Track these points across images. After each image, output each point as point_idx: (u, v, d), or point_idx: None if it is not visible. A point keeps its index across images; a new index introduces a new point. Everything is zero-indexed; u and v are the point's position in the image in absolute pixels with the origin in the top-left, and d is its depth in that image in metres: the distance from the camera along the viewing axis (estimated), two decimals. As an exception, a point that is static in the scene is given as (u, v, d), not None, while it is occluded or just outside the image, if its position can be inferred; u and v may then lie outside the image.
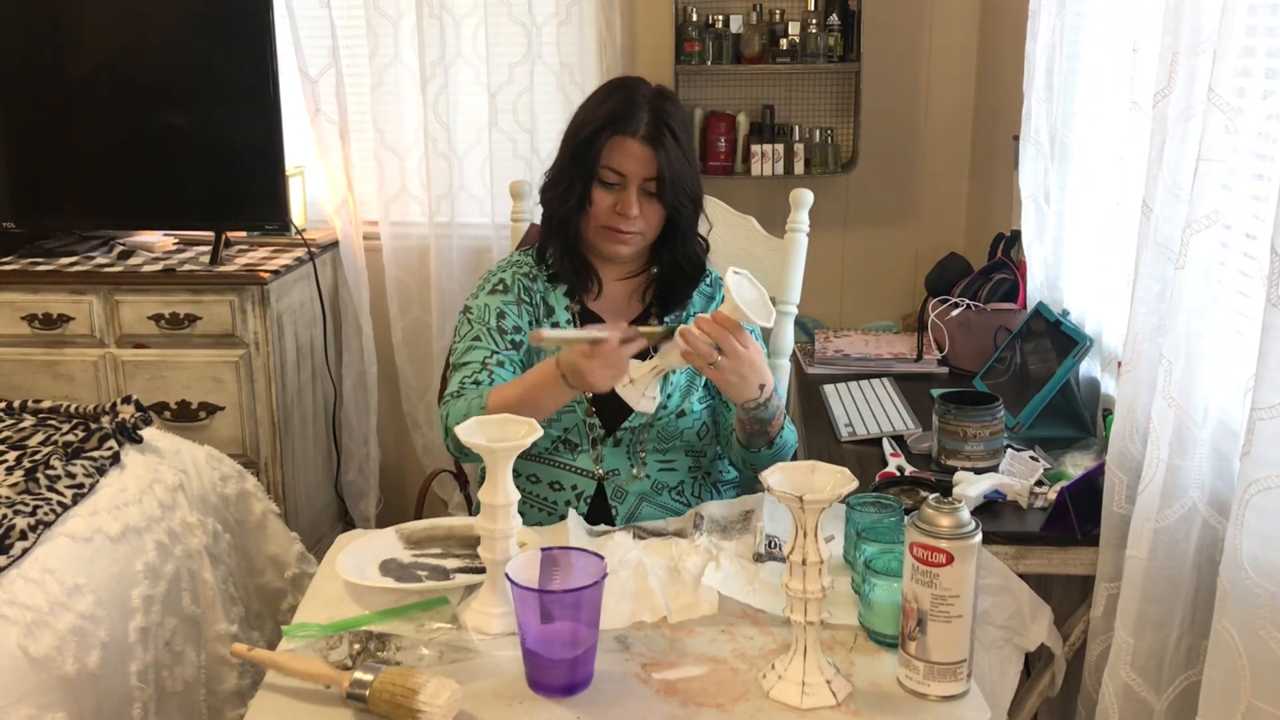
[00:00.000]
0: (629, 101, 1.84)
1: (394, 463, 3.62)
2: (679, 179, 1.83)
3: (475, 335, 1.88)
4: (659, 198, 1.84)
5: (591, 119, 1.85)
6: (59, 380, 3.04)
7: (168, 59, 3.12)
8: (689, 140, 1.88)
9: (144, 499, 2.02)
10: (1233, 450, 1.50)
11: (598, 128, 1.82)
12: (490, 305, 1.90)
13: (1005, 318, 2.51)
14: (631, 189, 1.82)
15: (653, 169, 1.81)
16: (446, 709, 1.21)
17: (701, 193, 1.92)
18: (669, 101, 1.87)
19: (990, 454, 1.97)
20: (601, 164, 1.82)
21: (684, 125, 1.86)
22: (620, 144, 1.81)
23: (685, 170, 1.85)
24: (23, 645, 1.62)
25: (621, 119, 1.82)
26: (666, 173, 1.81)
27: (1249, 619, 1.32)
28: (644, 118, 1.82)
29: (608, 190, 1.83)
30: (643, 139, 1.81)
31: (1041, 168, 2.38)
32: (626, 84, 1.90)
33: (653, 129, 1.81)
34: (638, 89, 1.87)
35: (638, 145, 1.81)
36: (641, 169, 1.82)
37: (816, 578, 1.25)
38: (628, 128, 1.81)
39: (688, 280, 1.95)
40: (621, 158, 1.82)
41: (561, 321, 1.92)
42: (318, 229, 3.42)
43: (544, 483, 1.89)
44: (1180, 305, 1.52)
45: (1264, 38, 1.55)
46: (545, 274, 1.94)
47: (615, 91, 1.88)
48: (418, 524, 1.68)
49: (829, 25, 3.16)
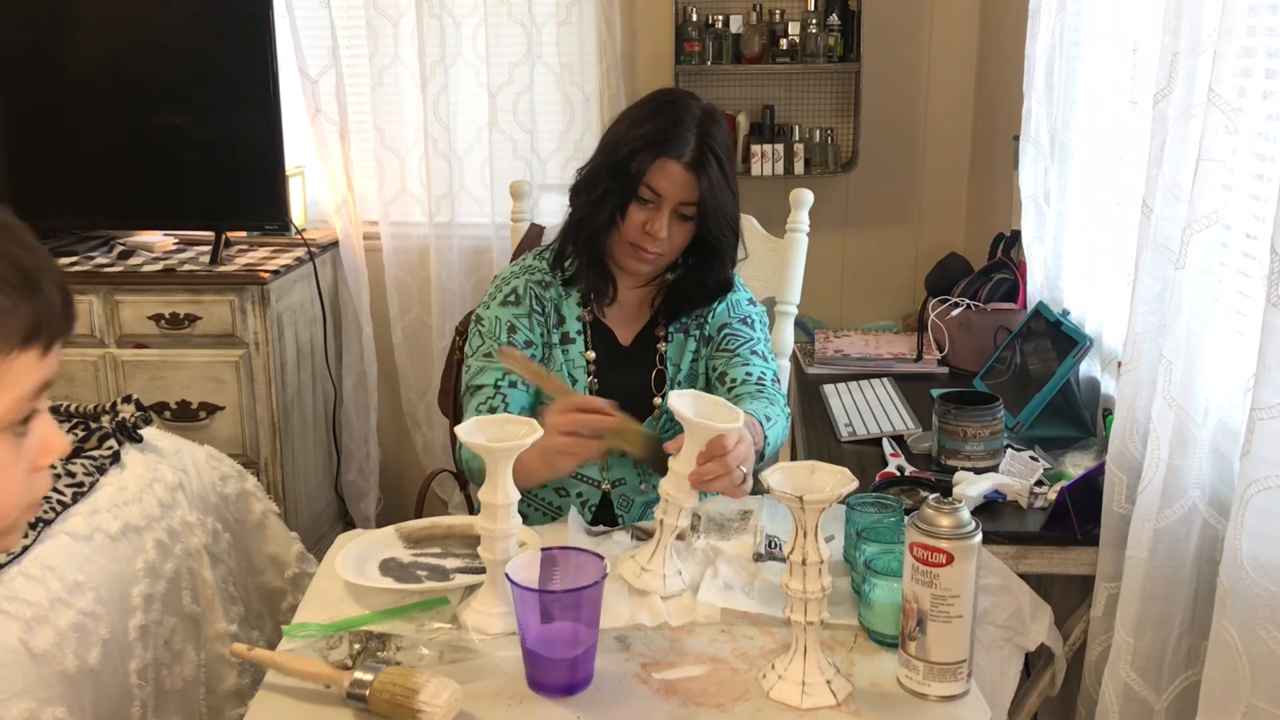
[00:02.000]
0: (676, 122, 1.78)
1: (394, 463, 3.62)
2: (719, 207, 1.78)
3: (487, 351, 1.84)
4: (698, 224, 1.80)
5: (636, 135, 1.79)
6: (59, 380, 3.03)
7: (168, 59, 3.12)
8: (732, 165, 1.83)
9: (144, 498, 2.02)
10: (1233, 450, 1.50)
11: (641, 146, 1.77)
12: (501, 319, 1.86)
13: (1005, 318, 2.51)
14: (664, 210, 1.77)
15: (693, 194, 1.77)
16: (446, 709, 1.21)
17: (739, 218, 1.86)
18: (715, 124, 1.81)
19: (990, 454, 1.97)
20: (642, 181, 1.77)
21: (727, 148, 1.81)
22: (663, 166, 1.76)
23: (726, 197, 1.80)
24: (23, 640, 1.62)
25: (667, 141, 1.76)
26: (708, 200, 1.77)
27: (1249, 619, 1.32)
28: (690, 141, 1.76)
29: (642, 207, 1.78)
30: (687, 164, 1.76)
31: (1041, 168, 2.38)
32: (675, 100, 1.84)
33: (698, 154, 1.76)
34: (687, 108, 1.81)
35: (680, 169, 1.76)
36: (680, 193, 1.77)
37: (816, 578, 1.25)
38: (673, 150, 1.76)
39: (706, 296, 1.90)
40: (662, 179, 1.77)
41: (572, 332, 1.89)
42: (318, 229, 3.42)
43: (550, 488, 1.89)
44: (1180, 305, 1.52)
45: (1264, 38, 1.55)
46: (560, 279, 1.90)
47: (663, 108, 1.82)
48: (417, 523, 1.68)
49: (829, 25, 3.16)
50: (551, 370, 1.86)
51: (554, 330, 1.89)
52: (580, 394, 1.64)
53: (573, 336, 1.89)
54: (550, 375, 1.73)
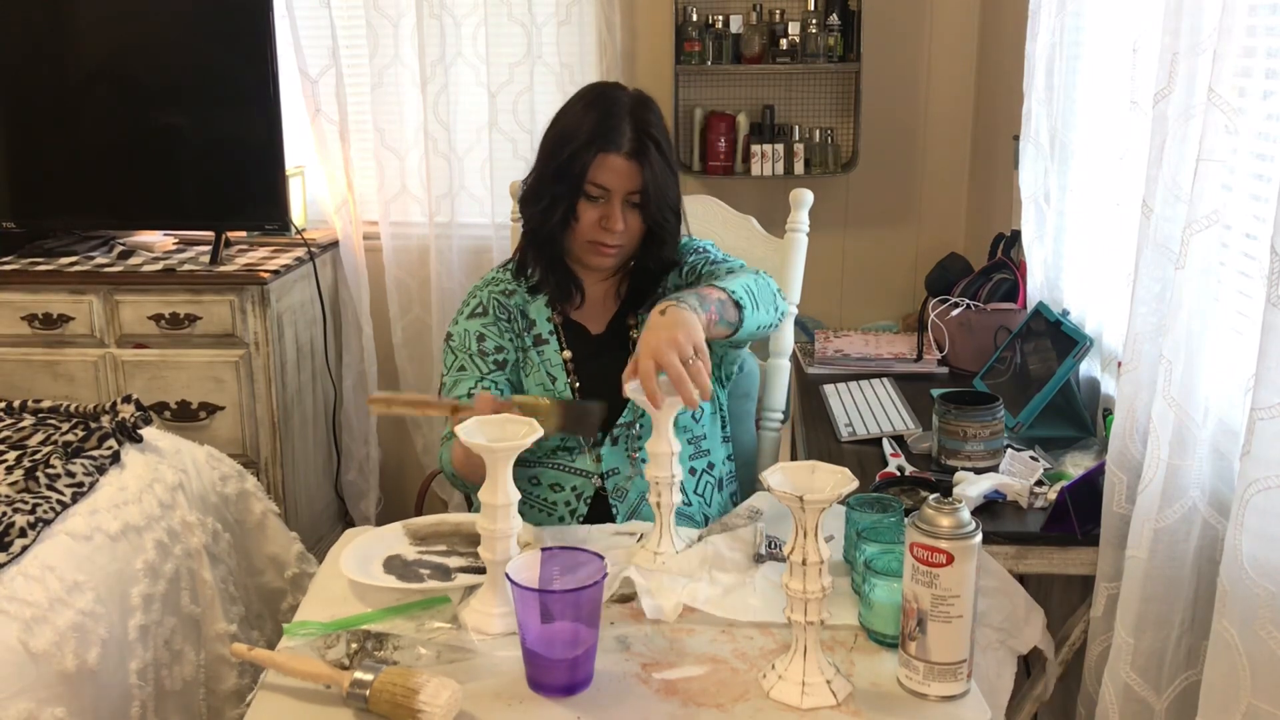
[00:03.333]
0: (610, 114, 1.81)
1: (394, 463, 3.62)
2: (662, 192, 1.82)
3: (460, 365, 1.88)
4: (641, 211, 1.83)
5: (573, 135, 1.82)
6: (59, 380, 3.04)
7: (168, 59, 3.12)
8: (670, 148, 1.86)
9: (144, 498, 2.02)
10: (1233, 450, 1.50)
11: (581, 145, 1.80)
12: (470, 330, 1.90)
13: (1005, 318, 2.51)
14: (615, 203, 1.81)
15: (637, 183, 1.80)
16: (446, 709, 1.21)
17: (681, 199, 1.90)
18: (649, 111, 1.85)
19: (990, 454, 1.97)
20: (587, 179, 1.81)
21: (665, 133, 1.85)
22: (604, 160, 1.80)
23: (668, 181, 1.84)
24: (23, 640, 1.62)
25: (605, 136, 1.80)
26: (651, 187, 1.80)
27: (1249, 619, 1.32)
28: (627, 132, 1.80)
29: (592, 204, 1.82)
30: (627, 155, 1.79)
31: (1041, 168, 2.38)
32: (605, 94, 1.87)
33: (636, 144, 1.80)
34: (617, 100, 1.84)
35: (622, 161, 1.80)
36: (626, 183, 1.81)
37: (816, 578, 1.25)
38: (611, 144, 1.79)
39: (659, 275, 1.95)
40: (606, 174, 1.80)
41: (544, 333, 1.91)
42: (318, 229, 3.42)
43: (544, 484, 1.89)
44: (1180, 305, 1.52)
45: (1264, 38, 1.55)
46: (525, 286, 1.94)
47: (595, 104, 1.85)
48: (425, 520, 1.68)
49: (829, 25, 3.16)
50: (530, 372, 1.89)
51: (525, 334, 1.92)
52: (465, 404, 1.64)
53: (545, 337, 1.91)
54: (426, 397, 1.86)
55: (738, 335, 1.73)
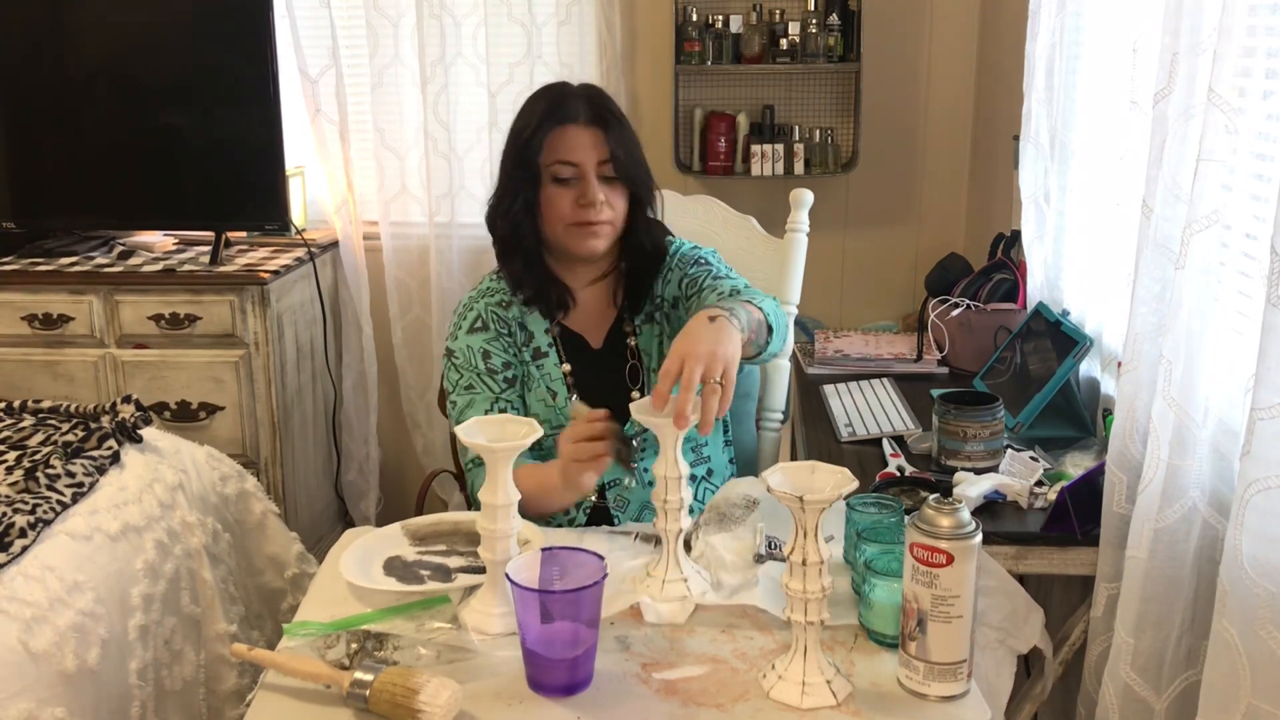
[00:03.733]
0: (561, 95, 1.82)
1: (394, 463, 3.62)
2: (633, 155, 1.81)
3: (468, 384, 1.83)
4: (619, 178, 1.80)
5: (526, 124, 1.81)
6: (59, 380, 3.04)
7: (168, 59, 3.12)
8: (631, 129, 1.85)
9: (144, 498, 2.02)
10: (1233, 450, 1.50)
11: (535, 126, 1.79)
12: (474, 346, 1.85)
13: (1005, 318, 2.51)
14: (589, 176, 1.78)
15: (605, 150, 1.78)
16: (446, 709, 1.21)
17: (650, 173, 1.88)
18: (602, 95, 1.85)
19: (990, 454, 1.97)
20: (550, 160, 1.78)
21: (622, 115, 1.84)
22: (564, 134, 1.78)
23: (636, 147, 1.82)
24: (23, 640, 1.62)
25: (558, 111, 1.79)
26: (620, 151, 1.78)
27: (1249, 619, 1.32)
28: (580, 106, 1.80)
29: (564, 186, 1.79)
30: (586, 122, 1.78)
31: (1041, 168, 2.38)
32: (552, 85, 1.87)
33: (593, 112, 1.79)
34: (564, 87, 1.85)
35: (583, 131, 1.78)
36: (594, 153, 1.78)
37: (816, 578, 1.25)
38: (567, 116, 1.78)
39: (653, 266, 1.91)
40: (570, 147, 1.78)
41: (543, 345, 1.88)
42: (318, 229, 3.42)
43: None
44: (1180, 305, 1.52)
45: (1264, 38, 1.55)
46: (521, 299, 1.89)
47: (544, 93, 1.85)
48: (424, 519, 1.67)
49: (829, 25, 3.16)
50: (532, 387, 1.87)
51: (524, 348, 1.89)
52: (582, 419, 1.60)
53: (545, 350, 1.89)
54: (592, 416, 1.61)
55: (758, 359, 1.72)
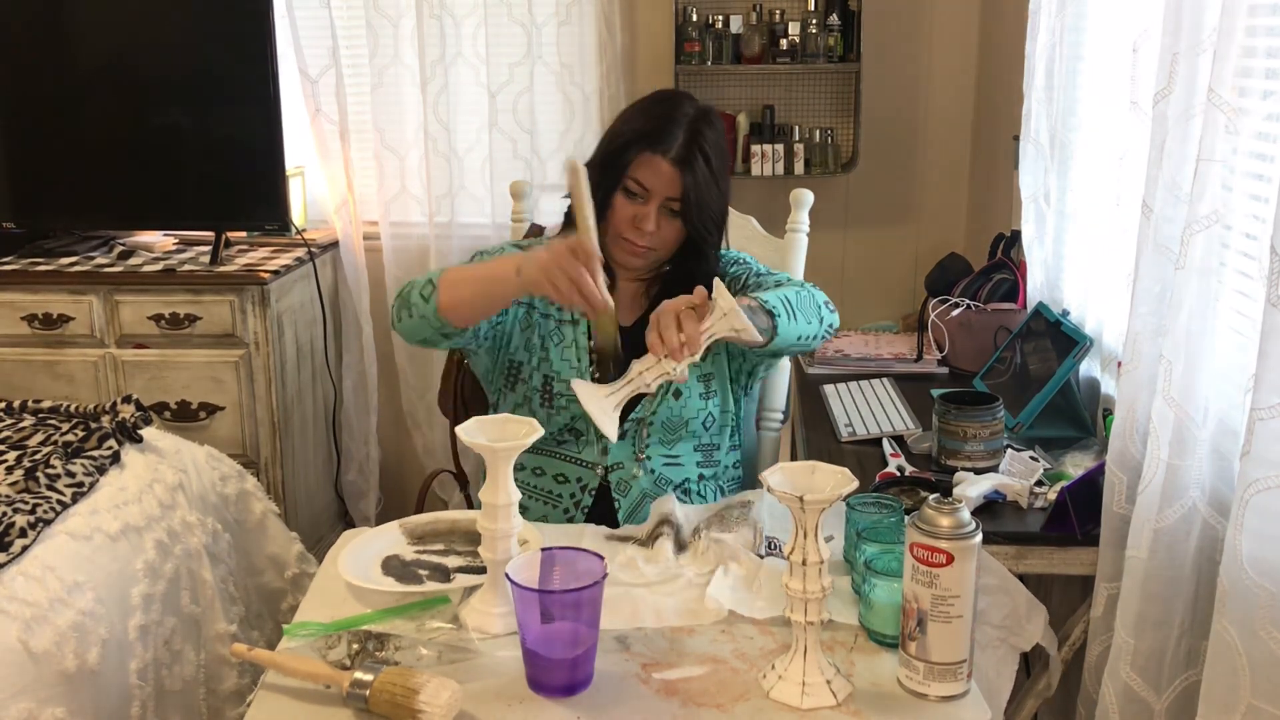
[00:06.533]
0: (667, 119, 1.82)
1: (394, 463, 3.62)
2: (704, 204, 1.82)
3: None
4: (682, 219, 1.83)
5: (627, 130, 1.85)
6: (59, 380, 3.04)
7: (168, 59, 3.12)
8: (722, 164, 1.86)
9: (144, 498, 2.02)
10: (1233, 450, 1.50)
11: (630, 140, 1.82)
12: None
13: (1005, 318, 2.51)
14: (652, 205, 1.82)
15: (677, 190, 1.80)
16: (446, 709, 1.21)
17: (726, 216, 1.90)
18: (708, 125, 1.84)
19: (990, 454, 1.97)
20: (629, 174, 1.82)
21: (719, 149, 1.85)
22: (649, 160, 1.80)
23: (713, 194, 1.83)
24: (23, 640, 1.62)
25: (655, 135, 1.80)
26: (692, 195, 1.80)
27: (1249, 619, 1.32)
28: (679, 137, 1.80)
29: (629, 200, 1.82)
30: (673, 160, 1.80)
31: (1041, 168, 2.38)
32: (670, 99, 1.89)
33: (684, 151, 1.80)
34: (680, 106, 1.85)
35: (667, 165, 1.80)
36: (666, 188, 1.81)
37: (816, 578, 1.25)
38: (659, 145, 1.80)
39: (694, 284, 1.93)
40: (648, 173, 1.81)
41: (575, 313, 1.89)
42: (318, 229, 3.42)
43: (548, 475, 1.89)
44: (1180, 305, 1.52)
45: (1264, 38, 1.55)
46: None
47: (657, 105, 1.87)
48: (421, 518, 1.67)
49: (829, 25, 3.16)
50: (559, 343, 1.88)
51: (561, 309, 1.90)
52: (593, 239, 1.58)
53: (576, 319, 1.91)
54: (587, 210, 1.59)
55: (775, 343, 1.72)
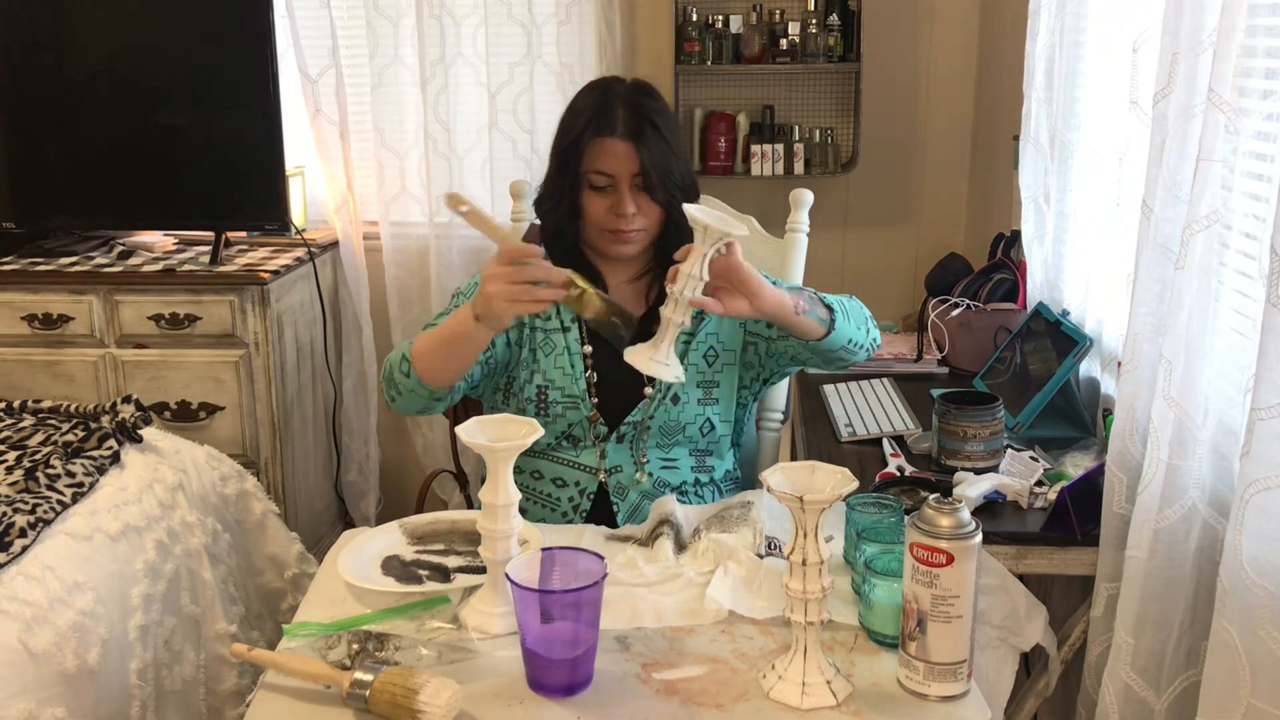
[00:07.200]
0: (604, 102, 1.85)
1: (394, 463, 3.62)
2: (665, 171, 1.83)
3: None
4: (648, 192, 1.84)
5: (572, 124, 1.86)
6: (59, 380, 3.04)
7: (168, 59, 3.12)
8: (673, 130, 1.88)
9: (144, 498, 2.02)
10: (1233, 450, 1.50)
11: (577, 133, 1.84)
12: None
13: (1005, 318, 2.51)
14: (623, 188, 1.83)
15: (636, 164, 1.82)
16: (447, 709, 1.21)
17: (694, 181, 1.92)
18: (646, 96, 1.87)
19: (990, 454, 1.97)
20: (588, 169, 1.83)
21: (665, 116, 1.86)
22: (601, 145, 1.82)
23: (671, 161, 1.84)
24: (23, 640, 1.62)
25: (598, 120, 1.83)
26: (649, 166, 1.81)
27: (1249, 619, 1.32)
28: (620, 114, 1.83)
29: (600, 194, 1.84)
30: (621, 136, 1.82)
31: (1041, 168, 2.38)
32: (601, 84, 1.91)
33: (631, 125, 1.82)
34: (611, 88, 1.88)
35: (618, 143, 1.82)
36: (627, 166, 1.82)
37: (816, 578, 1.25)
38: (605, 128, 1.82)
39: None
40: (606, 158, 1.82)
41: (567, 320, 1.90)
42: (318, 229, 3.42)
43: (547, 479, 1.89)
44: (1180, 305, 1.52)
45: (1264, 38, 1.55)
46: None
47: (591, 94, 1.89)
48: (421, 518, 1.67)
49: (829, 25, 3.16)
50: (549, 352, 1.88)
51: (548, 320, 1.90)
52: (516, 241, 1.62)
53: (568, 325, 1.91)
54: (493, 221, 1.64)
55: (831, 337, 1.75)
